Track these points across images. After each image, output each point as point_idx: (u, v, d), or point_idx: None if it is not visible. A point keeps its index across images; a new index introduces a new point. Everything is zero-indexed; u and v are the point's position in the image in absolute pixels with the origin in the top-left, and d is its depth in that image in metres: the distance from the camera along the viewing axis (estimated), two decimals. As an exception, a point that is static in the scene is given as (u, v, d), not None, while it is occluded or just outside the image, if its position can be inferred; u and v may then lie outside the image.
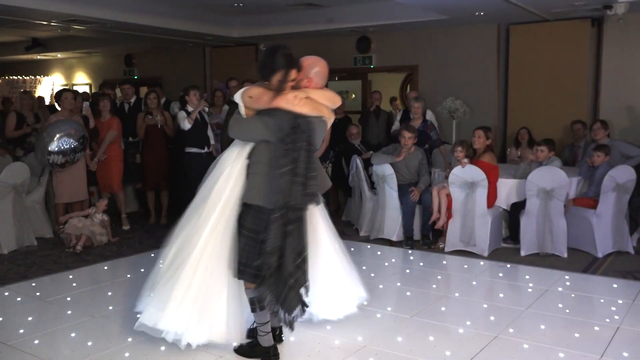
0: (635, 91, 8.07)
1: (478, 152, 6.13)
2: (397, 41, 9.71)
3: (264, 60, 3.33)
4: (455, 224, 6.08)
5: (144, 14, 8.66)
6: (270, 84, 3.26)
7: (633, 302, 4.46)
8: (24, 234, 6.25)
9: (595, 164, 6.13)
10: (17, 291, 4.80)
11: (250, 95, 3.27)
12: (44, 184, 6.82)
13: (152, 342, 3.71)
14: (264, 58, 3.34)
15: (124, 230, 7.07)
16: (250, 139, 3.35)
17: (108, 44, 11.80)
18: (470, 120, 7.87)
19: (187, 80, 11.21)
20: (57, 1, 7.77)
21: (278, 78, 3.21)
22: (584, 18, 8.23)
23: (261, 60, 3.38)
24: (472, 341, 3.75)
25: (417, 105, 7.41)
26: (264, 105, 3.24)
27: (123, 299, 4.57)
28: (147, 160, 7.36)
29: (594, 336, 3.83)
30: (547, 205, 5.86)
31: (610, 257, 5.88)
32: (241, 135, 3.39)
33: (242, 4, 8.63)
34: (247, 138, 3.37)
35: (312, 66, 3.40)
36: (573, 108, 8.34)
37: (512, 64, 8.93)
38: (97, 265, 5.60)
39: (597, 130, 6.84)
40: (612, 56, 8.19)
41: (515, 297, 4.66)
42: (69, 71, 14.58)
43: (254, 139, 3.33)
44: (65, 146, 6.19)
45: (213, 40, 10.75)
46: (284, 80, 3.21)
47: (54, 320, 4.12)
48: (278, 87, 3.22)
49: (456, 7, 7.62)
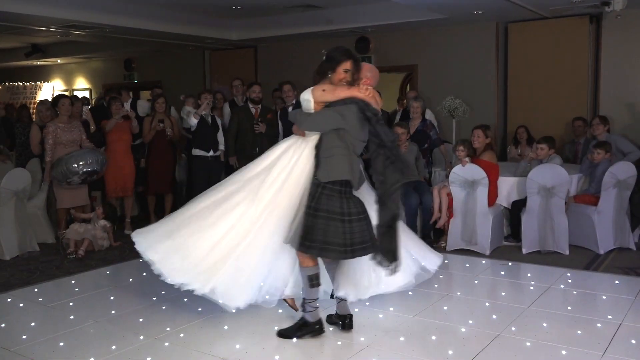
0: (634, 87, 8.07)
1: (478, 151, 6.13)
2: (396, 41, 9.72)
3: (326, 58, 3.75)
4: (457, 223, 6.08)
5: (143, 19, 8.68)
6: (332, 78, 3.72)
7: (635, 299, 4.47)
8: (26, 240, 6.27)
9: (596, 161, 6.13)
10: (20, 297, 4.81)
11: (324, 89, 3.70)
12: (45, 190, 6.82)
13: (156, 346, 3.72)
14: (326, 57, 3.76)
15: (126, 234, 7.08)
16: (325, 128, 3.71)
17: (107, 49, 11.82)
18: (469, 119, 7.86)
19: (187, 83, 11.27)
20: (56, 7, 7.80)
21: (344, 67, 3.69)
22: (582, 15, 8.23)
23: (327, 58, 3.76)
24: (475, 340, 3.75)
25: (416, 104, 7.43)
26: (339, 96, 3.68)
27: (126, 303, 4.58)
28: (152, 165, 7.36)
29: (597, 333, 3.83)
30: (548, 202, 5.85)
31: (612, 254, 5.88)
32: (316, 126, 3.75)
33: (241, 6, 8.65)
34: (322, 128, 3.72)
35: (370, 69, 3.96)
36: (573, 105, 8.34)
37: (511, 62, 8.93)
38: (100, 270, 5.61)
39: (596, 126, 6.85)
40: (611, 53, 8.19)
41: (517, 295, 4.66)
42: (69, 76, 14.61)
43: (329, 128, 3.70)
44: (87, 169, 6.32)
45: (212, 43, 10.77)
46: (349, 69, 3.70)
47: (56, 326, 4.13)
48: (343, 77, 3.71)
49: (454, 6, 7.63)
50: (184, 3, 8.46)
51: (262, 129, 7.05)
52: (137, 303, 4.58)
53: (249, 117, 7.12)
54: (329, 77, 3.75)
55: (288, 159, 3.79)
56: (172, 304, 4.52)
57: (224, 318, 4.18)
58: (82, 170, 6.23)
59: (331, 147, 3.64)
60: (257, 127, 7.05)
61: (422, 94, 8.55)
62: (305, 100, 3.78)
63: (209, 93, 7.14)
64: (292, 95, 7.31)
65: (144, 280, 5.23)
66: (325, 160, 3.63)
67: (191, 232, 3.81)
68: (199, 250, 3.76)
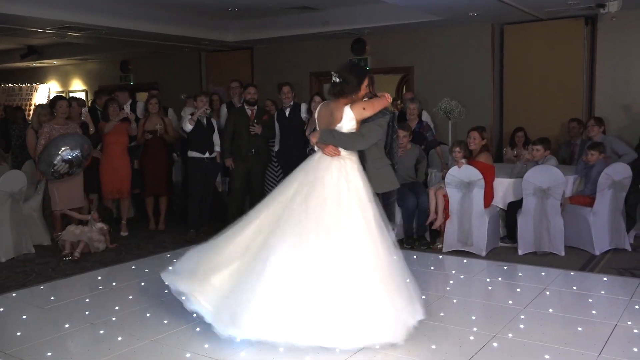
0: (629, 89, 8.10)
1: (474, 153, 6.14)
2: (392, 43, 9.73)
3: (349, 78, 3.89)
4: (453, 224, 6.09)
5: (139, 20, 8.66)
6: (360, 94, 3.96)
7: (630, 299, 4.48)
8: (22, 242, 6.25)
9: (590, 162, 6.15)
10: (16, 299, 4.80)
11: (364, 107, 3.93)
12: (41, 192, 6.81)
13: (153, 348, 3.72)
14: (348, 77, 3.89)
15: (122, 236, 7.07)
16: (374, 142, 4.07)
17: (103, 51, 11.80)
18: (466, 120, 7.87)
19: (183, 85, 11.24)
20: (52, 9, 7.77)
21: (365, 84, 3.95)
22: (577, 17, 8.26)
23: (346, 80, 3.90)
24: (471, 341, 3.76)
25: (412, 106, 7.45)
26: (376, 110, 3.96)
27: (122, 305, 4.57)
28: (146, 166, 7.35)
29: (592, 334, 3.84)
30: (543, 203, 5.87)
31: (607, 255, 5.90)
32: (370, 143, 4.03)
33: (237, 8, 8.65)
34: (372, 143, 4.06)
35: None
36: (568, 106, 8.36)
37: (507, 64, 8.95)
38: (96, 272, 5.59)
39: (591, 127, 6.88)
40: (606, 54, 8.22)
41: (514, 296, 4.67)
42: (64, 78, 14.58)
43: (376, 141, 4.06)
44: (71, 156, 6.24)
45: (208, 45, 10.76)
46: (370, 83, 3.99)
47: (53, 328, 4.12)
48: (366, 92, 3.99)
49: (450, 8, 7.64)
50: (180, 4, 8.46)
51: (258, 131, 7.06)
52: (134, 305, 4.58)
53: (244, 118, 7.12)
54: (352, 96, 3.95)
55: (341, 184, 3.81)
56: (168, 306, 4.51)
57: (221, 320, 4.19)
58: (64, 154, 6.17)
59: (376, 159, 4.03)
60: (253, 129, 7.05)
61: (419, 96, 8.56)
62: (349, 120, 3.92)
63: (205, 95, 7.13)
64: (291, 97, 7.31)
65: (140, 282, 5.22)
66: (378, 172, 4.01)
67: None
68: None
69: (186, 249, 6.34)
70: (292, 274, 3.54)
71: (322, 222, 3.65)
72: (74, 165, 6.31)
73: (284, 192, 3.92)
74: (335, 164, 3.87)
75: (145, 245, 6.69)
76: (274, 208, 3.88)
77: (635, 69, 8.06)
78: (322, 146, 3.94)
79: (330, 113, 4.01)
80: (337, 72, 3.89)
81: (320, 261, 3.57)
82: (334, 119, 3.98)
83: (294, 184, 3.91)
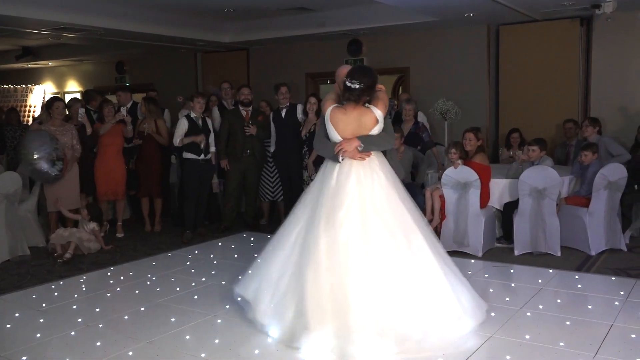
0: (625, 89, 8.12)
1: (470, 153, 6.15)
2: (388, 44, 9.74)
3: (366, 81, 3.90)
4: (449, 225, 6.10)
5: (135, 21, 8.65)
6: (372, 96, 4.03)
7: (626, 300, 4.49)
8: (17, 244, 6.22)
9: (585, 162, 6.16)
10: (11, 301, 4.78)
11: (383, 105, 4.03)
12: (36, 193, 6.79)
13: (149, 350, 3.70)
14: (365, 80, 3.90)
15: (118, 238, 7.05)
16: None
17: (99, 52, 11.77)
18: (462, 121, 7.88)
19: (179, 86, 11.23)
20: (47, 10, 7.75)
21: (377, 87, 4.05)
22: (573, 18, 8.28)
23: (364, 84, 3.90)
24: (467, 341, 3.75)
25: (408, 107, 7.45)
26: (387, 103, 4.11)
27: (118, 306, 4.56)
28: (140, 167, 7.34)
29: (589, 334, 3.85)
30: (539, 204, 5.88)
31: (603, 255, 5.91)
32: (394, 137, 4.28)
33: (233, 9, 8.64)
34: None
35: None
36: (564, 107, 8.38)
37: (503, 65, 8.97)
38: (91, 274, 5.57)
39: (585, 128, 6.89)
40: (602, 55, 8.24)
41: (510, 296, 4.67)
42: (60, 79, 14.54)
43: None
44: (44, 152, 6.21)
45: (204, 46, 10.75)
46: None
47: (48, 330, 4.10)
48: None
49: (446, 9, 7.65)
50: (175, 5, 8.44)
51: (253, 131, 7.05)
52: (130, 307, 4.56)
53: (239, 119, 7.11)
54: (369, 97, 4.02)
55: (389, 182, 3.99)
56: (164, 307, 4.50)
57: (217, 322, 4.17)
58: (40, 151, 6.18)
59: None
60: (248, 130, 7.04)
61: (415, 97, 8.56)
62: (382, 120, 4.01)
63: (203, 96, 7.11)
64: (288, 98, 7.31)
65: (136, 283, 5.21)
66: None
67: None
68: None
69: (182, 251, 6.39)
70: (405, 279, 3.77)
71: (411, 222, 3.92)
72: (54, 162, 6.28)
73: (344, 213, 3.80)
74: (369, 166, 3.96)
75: (141, 247, 6.67)
76: (349, 233, 3.77)
77: (630, 70, 8.08)
78: (351, 154, 3.89)
79: (356, 119, 3.95)
80: (352, 78, 3.87)
81: (418, 261, 3.83)
82: (363, 124, 3.94)
83: (345, 200, 3.83)
